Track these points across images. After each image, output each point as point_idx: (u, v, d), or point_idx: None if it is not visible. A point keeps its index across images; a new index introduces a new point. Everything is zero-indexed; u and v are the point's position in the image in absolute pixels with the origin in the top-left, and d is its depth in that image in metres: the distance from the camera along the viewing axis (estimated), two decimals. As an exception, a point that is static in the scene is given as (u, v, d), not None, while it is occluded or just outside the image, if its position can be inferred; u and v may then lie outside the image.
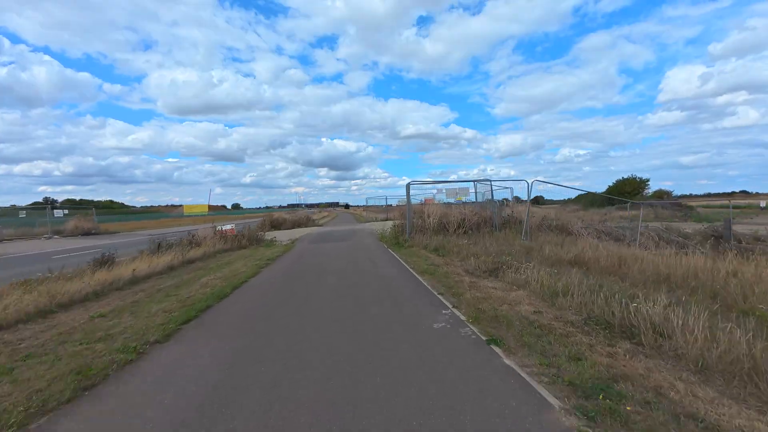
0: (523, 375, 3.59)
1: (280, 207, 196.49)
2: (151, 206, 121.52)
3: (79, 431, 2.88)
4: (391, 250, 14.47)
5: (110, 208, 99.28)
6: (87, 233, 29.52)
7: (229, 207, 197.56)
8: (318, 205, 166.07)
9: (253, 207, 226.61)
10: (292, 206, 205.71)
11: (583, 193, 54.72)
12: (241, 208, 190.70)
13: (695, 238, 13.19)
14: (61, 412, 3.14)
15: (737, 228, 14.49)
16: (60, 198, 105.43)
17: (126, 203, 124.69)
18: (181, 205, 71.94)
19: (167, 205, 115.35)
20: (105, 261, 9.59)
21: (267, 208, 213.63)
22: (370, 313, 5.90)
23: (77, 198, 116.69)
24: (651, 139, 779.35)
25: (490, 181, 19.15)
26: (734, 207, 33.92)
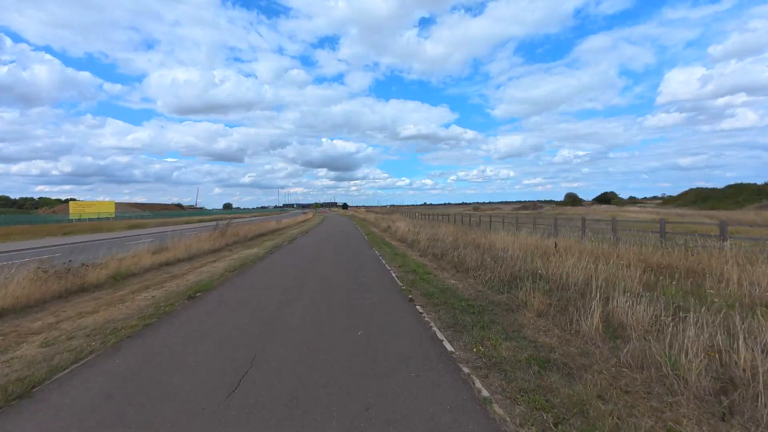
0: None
1: (275, 207, 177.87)
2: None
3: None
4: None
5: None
6: None
7: (220, 207, 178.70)
8: (311, 206, 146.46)
9: (250, 207, 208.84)
10: (287, 206, 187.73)
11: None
12: (233, 208, 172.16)
13: None
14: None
15: None
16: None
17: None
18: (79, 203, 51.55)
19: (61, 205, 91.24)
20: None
21: (262, 208, 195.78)
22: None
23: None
24: (649, 140, 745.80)
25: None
26: None
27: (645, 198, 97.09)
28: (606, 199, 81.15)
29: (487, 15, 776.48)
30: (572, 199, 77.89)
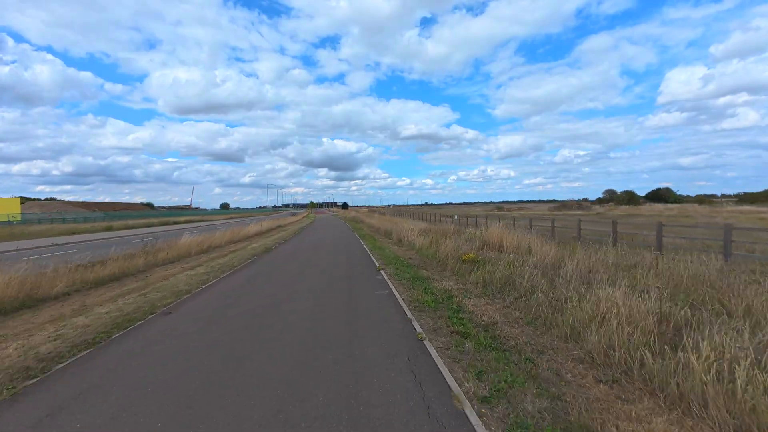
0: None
1: (274, 207, 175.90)
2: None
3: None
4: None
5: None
6: None
7: (217, 207, 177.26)
8: (307, 206, 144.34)
9: (250, 207, 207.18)
10: (285, 206, 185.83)
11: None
12: (230, 207, 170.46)
13: None
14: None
15: None
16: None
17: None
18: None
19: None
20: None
21: (261, 208, 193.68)
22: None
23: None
24: (650, 140, 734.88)
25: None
26: None
27: (706, 196, 79.66)
28: (661, 196, 64.68)
29: (488, 15, 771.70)
30: (628, 198, 60.87)
